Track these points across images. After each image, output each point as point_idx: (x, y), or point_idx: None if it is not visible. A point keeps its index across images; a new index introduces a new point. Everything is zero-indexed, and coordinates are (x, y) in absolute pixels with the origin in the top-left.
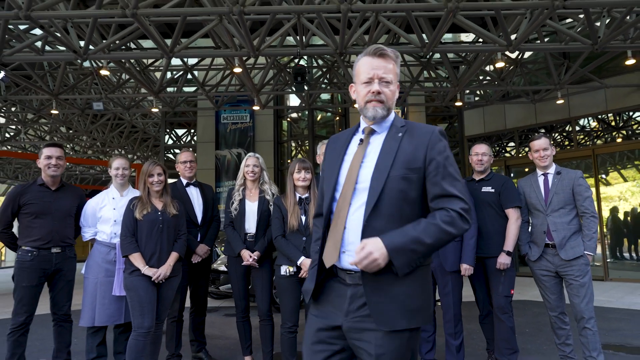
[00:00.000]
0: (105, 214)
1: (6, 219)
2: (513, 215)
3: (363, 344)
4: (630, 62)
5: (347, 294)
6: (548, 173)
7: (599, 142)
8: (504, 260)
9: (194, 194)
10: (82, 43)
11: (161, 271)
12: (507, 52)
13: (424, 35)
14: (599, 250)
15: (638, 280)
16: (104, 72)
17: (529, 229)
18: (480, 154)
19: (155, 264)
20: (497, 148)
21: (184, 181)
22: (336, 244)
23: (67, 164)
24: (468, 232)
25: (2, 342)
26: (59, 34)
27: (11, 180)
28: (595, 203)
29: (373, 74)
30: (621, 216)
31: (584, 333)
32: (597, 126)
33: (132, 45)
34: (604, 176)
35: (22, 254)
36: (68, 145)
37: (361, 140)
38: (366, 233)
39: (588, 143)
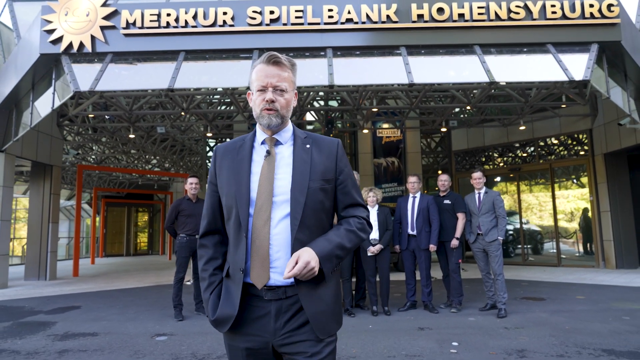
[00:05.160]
0: None
1: (172, 219)
2: (460, 217)
3: (298, 356)
4: (563, 106)
5: (271, 311)
6: (480, 192)
7: (554, 157)
8: (454, 242)
9: None
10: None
11: None
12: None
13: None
14: (552, 244)
15: (581, 265)
16: (183, 114)
17: (470, 225)
18: (443, 180)
19: None
20: (483, 159)
21: None
22: (264, 263)
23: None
24: (434, 224)
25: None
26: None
27: (67, 185)
28: (551, 205)
29: (267, 82)
30: (572, 217)
31: (496, 282)
32: (555, 144)
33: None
34: (575, 181)
35: (180, 239)
36: (119, 157)
37: (268, 152)
38: (295, 247)
39: (543, 160)
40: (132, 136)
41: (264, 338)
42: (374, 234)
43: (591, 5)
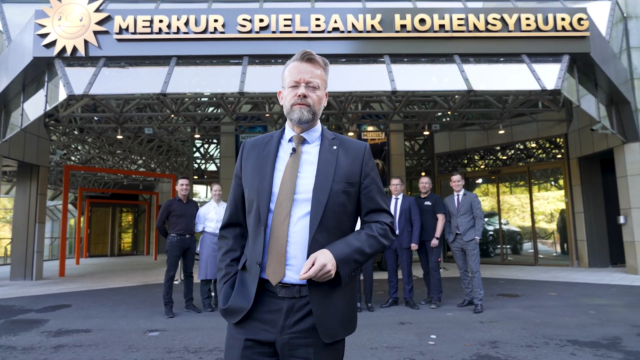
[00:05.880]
0: (210, 216)
1: (163, 219)
2: (440, 217)
3: None
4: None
5: (282, 308)
6: (459, 194)
7: (533, 160)
8: (434, 242)
9: None
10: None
11: None
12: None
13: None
14: (530, 244)
15: (556, 265)
16: (172, 116)
17: (449, 225)
18: (424, 182)
19: None
20: (465, 161)
21: None
22: (281, 259)
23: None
24: (415, 225)
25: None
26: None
27: (51, 185)
28: (529, 207)
29: (300, 77)
30: (549, 218)
31: (474, 279)
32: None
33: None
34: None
35: (171, 238)
36: (104, 158)
37: (294, 149)
38: (312, 247)
39: (521, 164)
40: (119, 137)
41: (270, 333)
42: None
43: (563, 19)
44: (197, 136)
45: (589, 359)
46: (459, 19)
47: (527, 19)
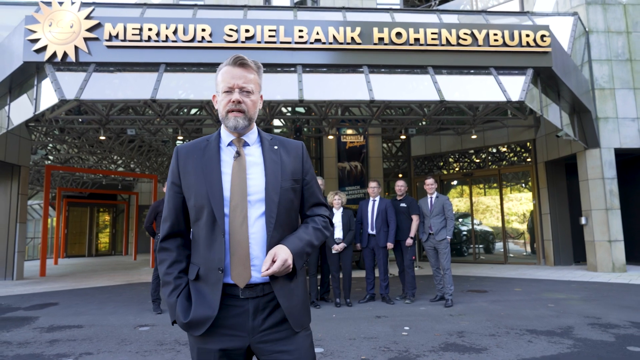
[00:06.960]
0: None
1: (151, 220)
2: (414, 218)
3: (280, 355)
4: (508, 119)
5: (248, 310)
6: (432, 196)
7: (506, 163)
8: (409, 241)
9: None
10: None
11: None
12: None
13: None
14: (501, 244)
15: (524, 263)
16: (158, 119)
17: (423, 226)
18: (400, 185)
19: None
20: (441, 164)
21: None
22: (245, 262)
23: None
24: (391, 225)
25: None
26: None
27: (32, 185)
28: (499, 207)
29: (233, 83)
30: (521, 219)
31: (445, 276)
32: (504, 151)
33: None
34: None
35: (159, 238)
36: (83, 157)
37: (238, 153)
38: (271, 245)
39: (494, 166)
40: (102, 138)
41: (241, 338)
42: (339, 234)
43: (527, 35)
44: (180, 138)
45: (543, 345)
46: (432, 33)
47: (495, 34)
